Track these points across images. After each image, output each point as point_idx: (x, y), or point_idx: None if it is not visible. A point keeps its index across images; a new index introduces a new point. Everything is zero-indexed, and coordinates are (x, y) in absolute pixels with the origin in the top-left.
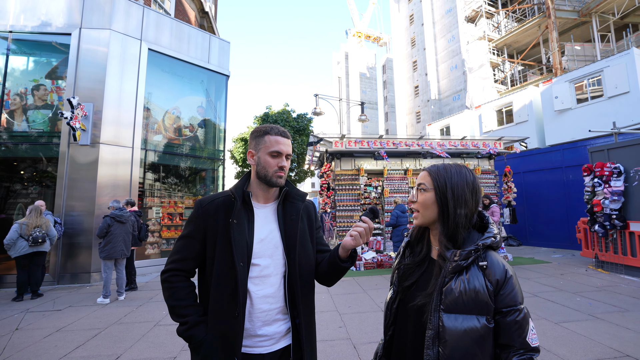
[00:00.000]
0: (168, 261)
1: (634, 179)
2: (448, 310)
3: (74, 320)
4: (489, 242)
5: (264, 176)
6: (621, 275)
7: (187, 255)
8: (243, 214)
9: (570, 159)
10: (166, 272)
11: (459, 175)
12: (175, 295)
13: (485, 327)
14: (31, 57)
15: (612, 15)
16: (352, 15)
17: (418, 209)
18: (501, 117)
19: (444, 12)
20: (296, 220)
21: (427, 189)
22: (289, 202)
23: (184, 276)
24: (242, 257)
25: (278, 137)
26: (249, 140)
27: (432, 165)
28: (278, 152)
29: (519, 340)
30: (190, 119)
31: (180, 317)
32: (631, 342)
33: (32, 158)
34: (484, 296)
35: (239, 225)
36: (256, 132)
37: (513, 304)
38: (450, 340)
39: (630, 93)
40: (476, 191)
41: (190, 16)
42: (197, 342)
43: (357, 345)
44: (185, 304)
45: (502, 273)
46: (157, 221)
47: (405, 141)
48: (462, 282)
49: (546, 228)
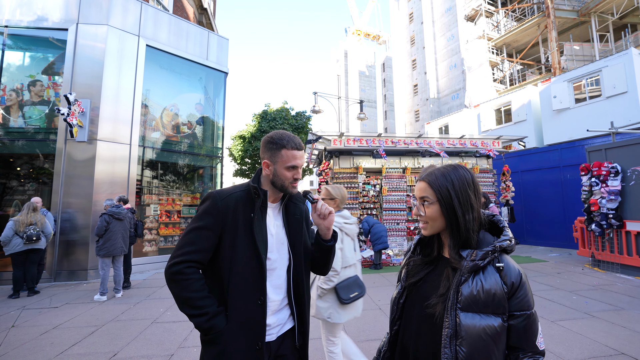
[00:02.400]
0: (179, 253)
1: (630, 178)
2: (465, 308)
3: (71, 317)
4: (505, 245)
5: (280, 186)
6: (617, 274)
7: (203, 247)
8: (262, 210)
9: (568, 158)
10: (179, 263)
11: (459, 179)
12: (191, 287)
13: (502, 326)
14: (27, 52)
15: (611, 15)
16: (351, 13)
17: (427, 221)
18: (500, 116)
19: (443, 10)
20: (300, 219)
21: (431, 201)
22: (292, 203)
23: (198, 268)
24: (264, 250)
25: (295, 152)
26: (263, 148)
27: (428, 174)
28: (294, 166)
29: (528, 344)
30: (189, 116)
31: (198, 309)
32: (626, 340)
33: (29, 154)
34: (500, 297)
35: (259, 221)
36: (272, 145)
37: (526, 308)
38: (469, 339)
39: (628, 93)
40: (477, 189)
41: (189, 12)
42: (217, 333)
43: (356, 343)
44: (202, 295)
45: (518, 277)
46: (155, 219)
47: (403, 140)
48: (480, 281)
49: (543, 227)
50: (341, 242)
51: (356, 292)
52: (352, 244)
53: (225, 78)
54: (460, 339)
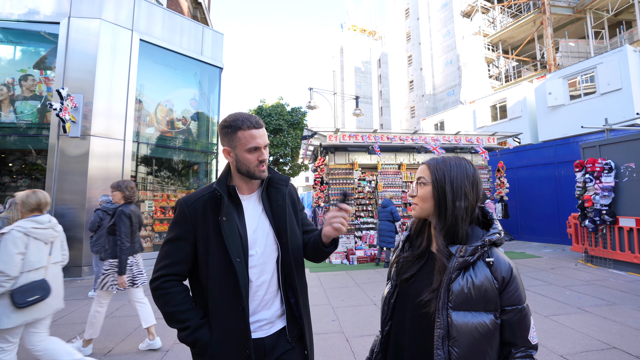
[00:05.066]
0: (156, 268)
1: (624, 175)
2: (456, 307)
3: (64, 314)
4: (494, 239)
5: (246, 172)
6: (609, 270)
7: (178, 259)
8: (231, 209)
9: (562, 154)
10: (157, 279)
11: (459, 167)
12: (171, 301)
13: (494, 323)
14: (18, 46)
15: (606, 12)
16: (347, 9)
17: (417, 202)
18: (495, 112)
19: (439, 6)
20: (283, 205)
21: (426, 182)
22: (273, 188)
23: (177, 280)
24: (237, 252)
25: (252, 132)
26: (220, 135)
27: (431, 159)
28: (256, 147)
29: (521, 338)
30: (183, 112)
31: (180, 323)
32: (618, 334)
33: (21, 150)
34: (492, 292)
35: (229, 222)
36: (226, 129)
37: (518, 303)
38: (461, 339)
39: (623, 90)
40: (477, 184)
41: (183, 7)
42: (202, 346)
43: (350, 339)
44: (183, 308)
45: (508, 271)
46: (149, 215)
47: (399, 136)
48: (470, 278)
49: (538, 223)
50: (25, 247)
51: (37, 295)
52: (46, 249)
53: (220, 73)
54: (452, 339)
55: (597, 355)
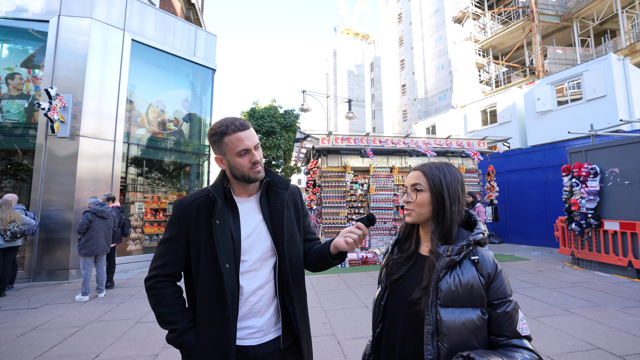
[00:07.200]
0: (151, 267)
1: (608, 179)
2: (445, 304)
3: (51, 318)
4: (478, 238)
5: (241, 176)
6: (595, 272)
7: (171, 260)
8: (226, 212)
9: (550, 159)
10: (150, 278)
11: (451, 173)
12: (162, 302)
13: (481, 319)
14: (5, 44)
15: (592, 21)
16: (340, 12)
17: (413, 208)
18: (485, 117)
19: (431, 11)
20: (281, 210)
21: (423, 188)
22: (273, 192)
23: (170, 281)
24: (227, 258)
25: (239, 134)
26: (210, 145)
27: (423, 165)
28: (245, 149)
29: (510, 330)
30: (175, 113)
31: (168, 325)
32: (602, 335)
33: (6, 150)
34: (478, 289)
35: (222, 226)
36: (214, 137)
37: (503, 297)
38: (449, 334)
39: (607, 97)
40: (464, 187)
41: (176, 7)
42: (188, 349)
43: (342, 342)
44: (173, 310)
45: (493, 267)
46: (139, 217)
47: (391, 139)
48: (457, 276)
49: (526, 226)
50: None
51: None
52: None
53: (212, 75)
54: (441, 335)
55: (583, 355)
